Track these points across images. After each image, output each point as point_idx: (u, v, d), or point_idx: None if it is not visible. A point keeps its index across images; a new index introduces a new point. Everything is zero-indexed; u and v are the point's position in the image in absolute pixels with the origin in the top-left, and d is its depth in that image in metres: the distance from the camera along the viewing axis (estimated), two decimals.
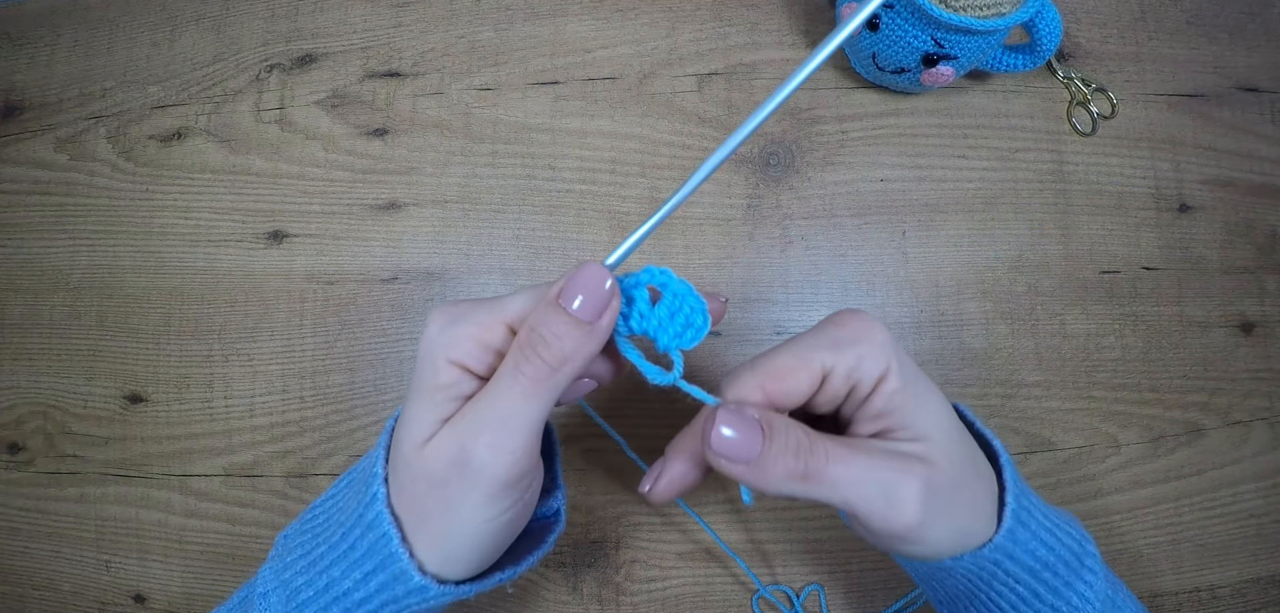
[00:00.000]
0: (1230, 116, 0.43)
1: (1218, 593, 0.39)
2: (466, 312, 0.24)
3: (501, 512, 0.24)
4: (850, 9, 0.38)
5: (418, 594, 0.24)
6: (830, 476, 0.23)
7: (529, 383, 0.23)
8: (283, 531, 0.28)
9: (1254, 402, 0.40)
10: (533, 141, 0.42)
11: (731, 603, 0.39)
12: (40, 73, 0.46)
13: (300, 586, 0.25)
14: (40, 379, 0.43)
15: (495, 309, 0.24)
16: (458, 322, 0.24)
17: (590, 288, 0.23)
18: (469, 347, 0.23)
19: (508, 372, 0.23)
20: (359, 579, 0.24)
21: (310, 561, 0.25)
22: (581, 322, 0.23)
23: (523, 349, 0.23)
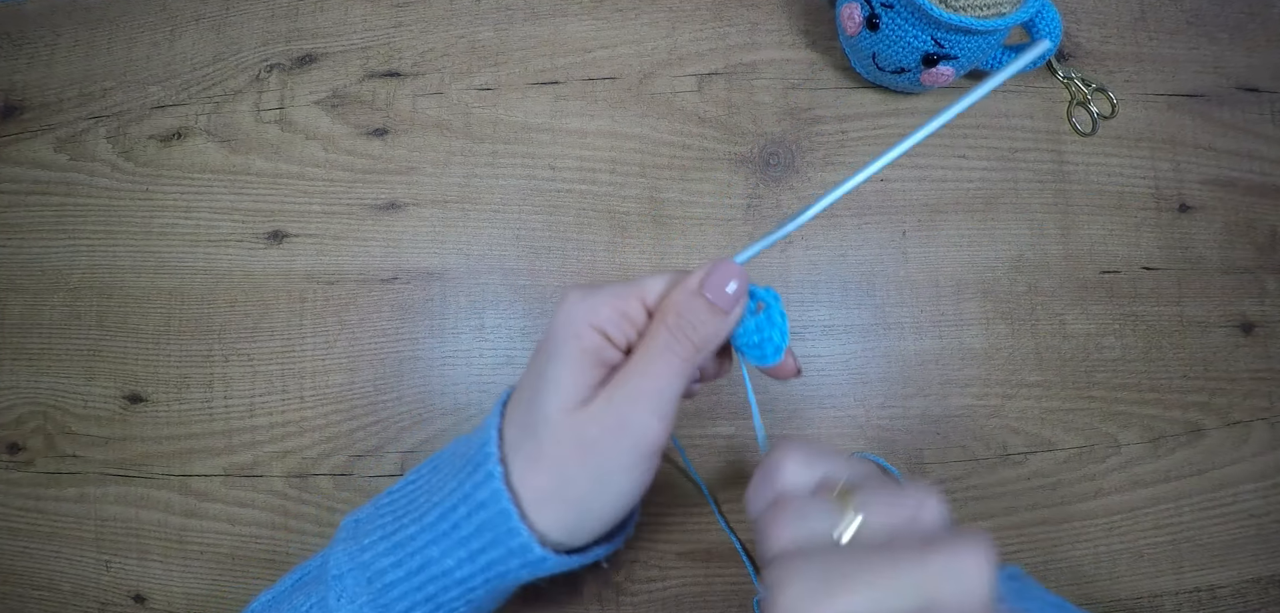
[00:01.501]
0: (1230, 116, 0.43)
1: (1218, 593, 0.39)
2: (604, 287, 0.25)
3: (643, 476, 0.25)
4: (850, 9, 0.38)
5: (532, 566, 0.25)
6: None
7: (679, 359, 0.24)
8: (351, 515, 0.28)
9: (1254, 402, 0.40)
10: (533, 141, 0.42)
11: (731, 603, 0.39)
12: (40, 73, 0.46)
13: (386, 567, 0.25)
14: (40, 379, 0.43)
15: (632, 288, 0.26)
16: (597, 294, 0.25)
17: (729, 282, 0.25)
18: (610, 315, 0.25)
19: (661, 346, 0.25)
20: (464, 557, 0.25)
21: (398, 542, 0.26)
22: (720, 310, 0.25)
23: (672, 330, 0.25)
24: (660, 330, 0.25)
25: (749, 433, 0.40)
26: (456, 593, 0.25)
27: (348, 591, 0.26)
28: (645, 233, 0.41)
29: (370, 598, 0.26)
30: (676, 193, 0.41)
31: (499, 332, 0.41)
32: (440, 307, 0.41)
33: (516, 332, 0.41)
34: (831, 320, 0.40)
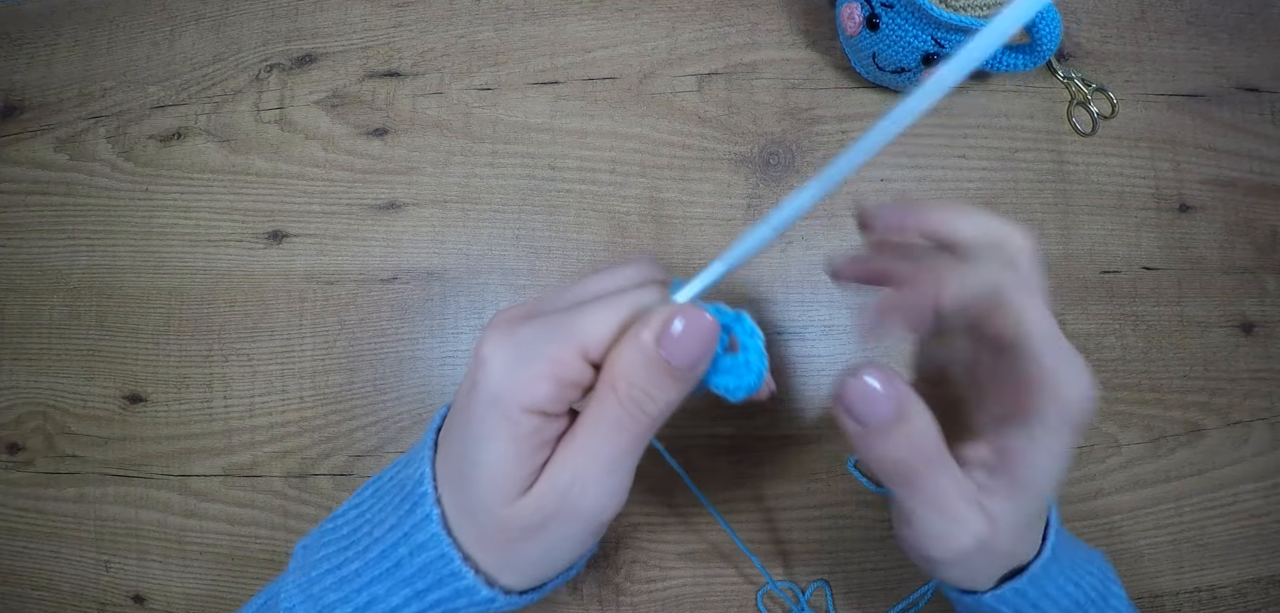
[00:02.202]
0: (1230, 116, 0.43)
1: (1218, 593, 0.39)
2: (533, 346, 0.21)
3: (596, 542, 0.24)
4: (850, 9, 0.38)
5: (483, 606, 0.23)
6: (919, 486, 0.21)
7: (630, 436, 0.21)
8: (302, 541, 0.27)
9: (1254, 402, 0.40)
10: (533, 141, 0.42)
11: (732, 603, 0.39)
12: (40, 73, 0.46)
13: (335, 602, 0.24)
14: (40, 379, 0.43)
15: (566, 337, 0.21)
16: (526, 360, 0.21)
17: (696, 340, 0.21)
18: (546, 389, 0.21)
19: (611, 422, 0.21)
20: (410, 595, 0.23)
21: (343, 577, 0.24)
22: (681, 373, 0.21)
23: (624, 402, 0.21)
24: (609, 400, 0.21)
25: (752, 432, 0.40)
26: None
27: None
28: (645, 233, 0.41)
29: None
30: (676, 193, 0.41)
31: None
32: (440, 307, 0.41)
33: None
34: (831, 320, 0.40)
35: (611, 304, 0.21)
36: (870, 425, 0.21)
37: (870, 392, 0.20)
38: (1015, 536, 0.23)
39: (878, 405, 0.20)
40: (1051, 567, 0.25)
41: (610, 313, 0.21)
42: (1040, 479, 0.22)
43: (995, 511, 0.22)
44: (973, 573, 0.24)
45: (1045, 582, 0.25)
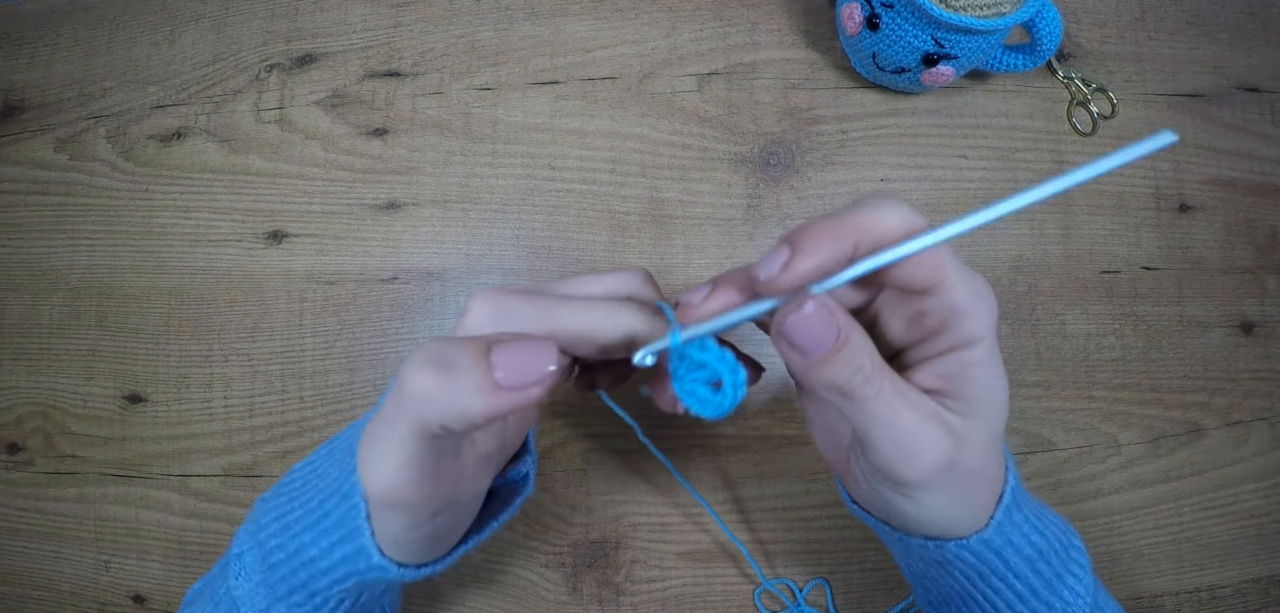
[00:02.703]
0: (1230, 116, 0.43)
1: (1218, 593, 0.39)
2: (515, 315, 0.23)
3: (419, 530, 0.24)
4: (850, 9, 0.38)
5: (378, 571, 0.24)
6: (871, 408, 0.22)
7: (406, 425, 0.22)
8: (261, 495, 0.28)
9: (1254, 402, 0.40)
10: (533, 141, 0.42)
11: (732, 603, 0.39)
12: (40, 73, 0.46)
13: (274, 548, 0.25)
14: (40, 379, 0.43)
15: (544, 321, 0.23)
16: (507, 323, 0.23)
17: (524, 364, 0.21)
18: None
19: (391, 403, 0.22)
20: (325, 548, 0.24)
21: (284, 524, 0.25)
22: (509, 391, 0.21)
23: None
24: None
25: (752, 432, 0.40)
26: (325, 582, 0.25)
27: (247, 567, 0.26)
28: (645, 233, 0.41)
29: (262, 576, 0.25)
30: (676, 193, 0.41)
31: None
32: (440, 307, 0.41)
33: None
34: None
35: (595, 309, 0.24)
36: (812, 354, 0.21)
37: (810, 321, 0.21)
38: (983, 453, 0.23)
39: (818, 333, 0.21)
40: (1014, 513, 0.25)
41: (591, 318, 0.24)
42: (991, 393, 0.23)
43: (957, 425, 0.23)
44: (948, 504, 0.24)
45: (1009, 528, 0.25)
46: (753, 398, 0.40)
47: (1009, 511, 0.25)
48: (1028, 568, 0.25)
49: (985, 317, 0.23)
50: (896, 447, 0.22)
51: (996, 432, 0.24)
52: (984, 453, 0.24)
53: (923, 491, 0.23)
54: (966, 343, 0.23)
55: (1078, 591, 0.25)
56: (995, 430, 0.24)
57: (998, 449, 0.25)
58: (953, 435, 0.23)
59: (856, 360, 0.22)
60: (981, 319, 0.23)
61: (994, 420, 0.24)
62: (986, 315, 0.23)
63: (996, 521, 0.25)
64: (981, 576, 0.25)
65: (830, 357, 0.21)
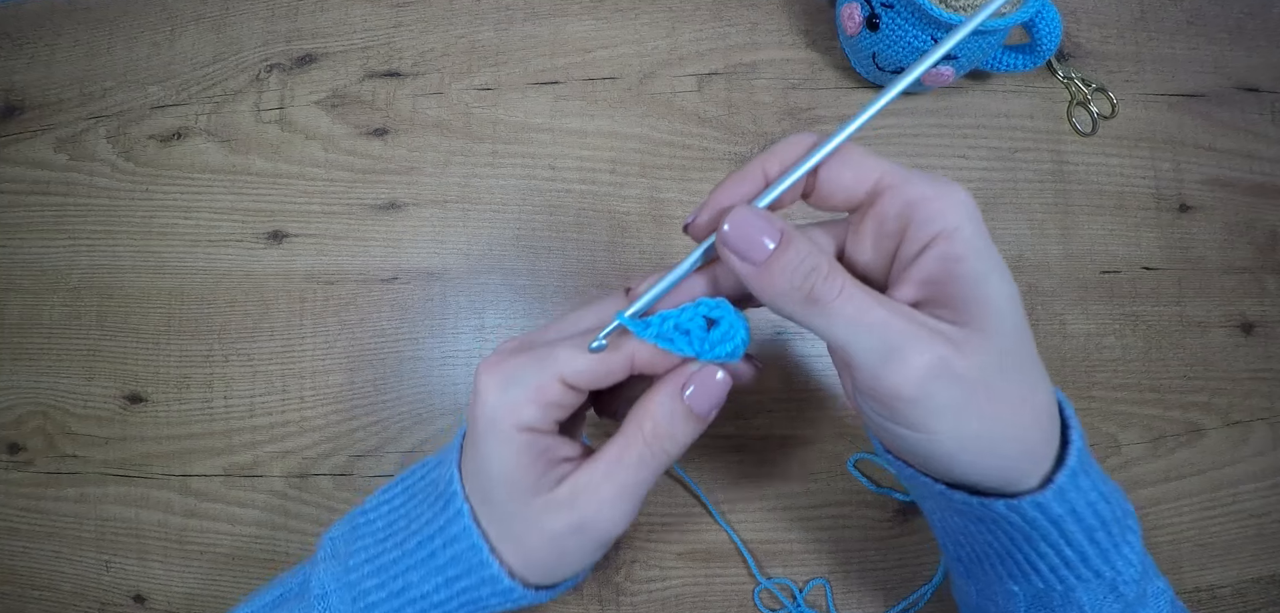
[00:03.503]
0: (1230, 117, 0.43)
1: (1218, 593, 0.39)
2: (519, 375, 0.24)
3: (602, 553, 0.26)
4: (850, 9, 0.38)
5: (504, 596, 0.26)
6: (835, 308, 0.21)
7: (651, 469, 0.24)
8: (329, 532, 0.29)
9: (1254, 402, 0.40)
10: (533, 141, 0.42)
11: (731, 603, 0.39)
12: (40, 73, 0.46)
13: (371, 588, 0.26)
14: (40, 379, 0.43)
15: (547, 368, 0.24)
16: (513, 385, 0.24)
17: (714, 393, 0.24)
18: (533, 414, 0.24)
19: (635, 457, 0.24)
20: (440, 583, 0.26)
21: (382, 565, 0.26)
22: (699, 418, 0.24)
23: (650, 442, 0.24)
24: (635, 438, 0.24)
25: (752, 432, 0.40)
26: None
27: (333, 608, 0.26)
28: (645, 233, 0.41)
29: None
30: (676, 193, 0.41)
31: (499, 332, 0.41)
32: (440, 307, 0.41)
33: (516, 331, 0.41)
34: None
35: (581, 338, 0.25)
36: (756, 258, 0.21)
37: (747, 223, 0.22)
38: (991, 363, 0.20)
39: (756, 231, 0.21)
40: (1080, 478, 0.22)
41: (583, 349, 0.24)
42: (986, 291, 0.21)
43: (946, 330, 0.21)
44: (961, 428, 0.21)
45: (1073, 494, 0.22)
46: (752, 399, 0.40)
47: (1074, 475, 0.22)
48: (1085, 537, 0.23)
49: (954, 204, 0.21)
50: (877, 353, 0.20)
51: (1009, 336, 0.21)
52: (993, 362, 0.20)
53: (920, 408, 0.20)
54: (939, 235, 0.21)
55: (1130, 559, 0.23)
56: (1006, 333, 0.21)
57: (1021, 362, 0.21)
58: (941, 336, 0.20)
59: (808, 259, 0.21)
60: (949, 205, 0.21)
61: (1001, 321, 0.21)
62: (956, 204, 0.21)
63: (1059, 485, 0.22)
64: (1029, 538, 0.23)
65: (778, 256, 0.21)
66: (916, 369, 0.20)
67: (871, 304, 0.21)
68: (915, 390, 0.20)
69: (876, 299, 0.21)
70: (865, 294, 0.21)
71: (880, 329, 0.20)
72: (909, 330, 0.20)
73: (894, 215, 0.22)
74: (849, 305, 0.21)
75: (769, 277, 0.21)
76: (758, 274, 0.22)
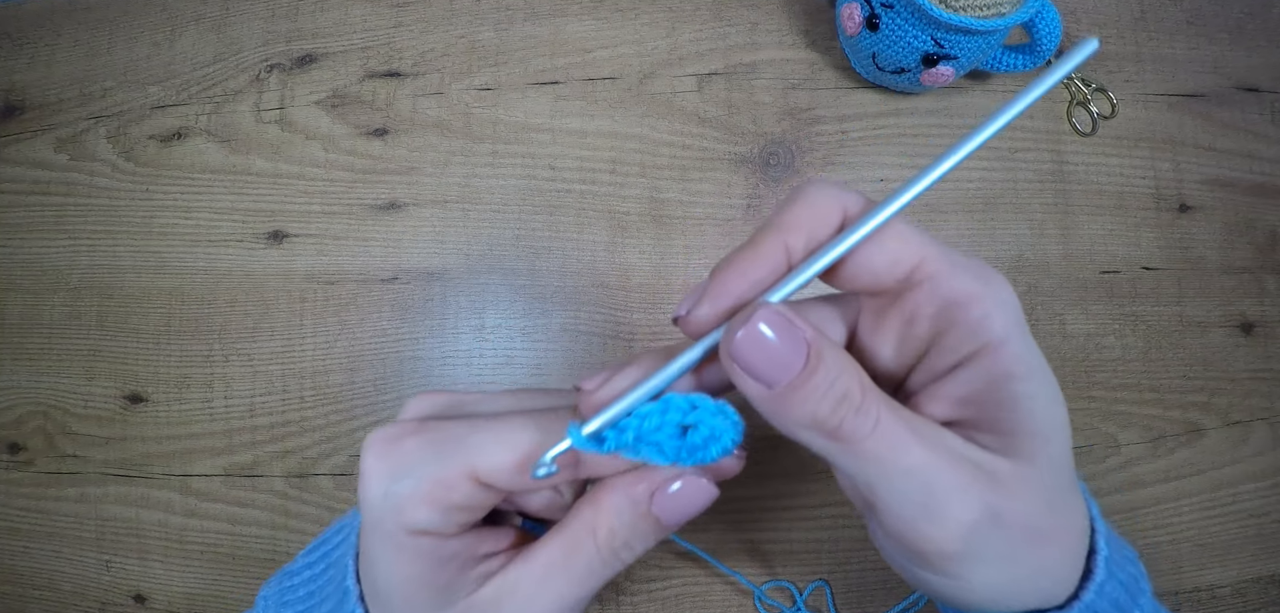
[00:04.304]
0: (1230, 117, 0.43)
1: (1217, 593, 0.39)
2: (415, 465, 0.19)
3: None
4: (850, 9, 0.38)
5: None
6: (868, 448, 0.17)
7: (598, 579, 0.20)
8: (262, 589, 0.25)
9: (1254, 402, 0.40)
10: (533, 141, 0.42)
11: (732, 603, 0.39)
12: (40, 73, 0.46)
13: None
14: (40, 379, 0.43)
15: (456, 457, 0.19)
16: (407, 474, 0.19)
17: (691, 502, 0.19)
18: (426, 513, 0.19)
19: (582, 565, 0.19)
20: None
21: None
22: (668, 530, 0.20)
23: (602, 551, 0.19)
24: (585, 543, 0.19)
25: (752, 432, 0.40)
26: None
27: None
28: (645, 233, 0.41)
29: None
30: (676, 193, 0.41)
31: (499, 332, 0.41)
32: (440, 307, 0.41)
33: (516, 331, 0.41)
34: None
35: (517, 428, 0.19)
36: (776, 381, 0.17)
37: (768, 343, 0.16)
38: (1041, 501, 0.17)
39: (778, 352, 0.16)
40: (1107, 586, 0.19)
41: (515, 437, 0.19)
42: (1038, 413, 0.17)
43: (995, 466, 0.17)
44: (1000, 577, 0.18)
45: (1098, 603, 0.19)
46: None
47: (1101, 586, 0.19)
48: None
49: (1000, 306, 0.18)
50: (913, 502, 0.17)
51: (1061, 468, 0.18)
52: (1043, 501, 0.17)
53: (959, 562, 0.17)
54: (984, 347, 0.17)
55: None
56: (1058, 466, 0.18)
57: (1069, 493, 0.18)
58: (987, 477, 0.17)
59: (839, 384, 0.17)
60: (995, 309, 0.17)
61: (1053, 452, 0.18)
62: (1002, 305, 0.18)
63: (1086, 602, 0.19)
64: None
65: (801, 382, 0.16)
66: (961, 525, 0.17)
67: (910, 442, 0.17)
68: (956, 548, 0.17)
69: (914, 434, 0.17)
70: (903, 428, 0.17)
71: (919, 474, 0.17)
72: (953, 478, 0.17)
73: (930, 314, 0.18)
74: (883, 443, 0.17)
75: (787, 406, 0.17)
76: (773, 400, 0.17)
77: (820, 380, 0.17)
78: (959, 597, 0.19)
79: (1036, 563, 0.18)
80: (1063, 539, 0.18)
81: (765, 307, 0.17)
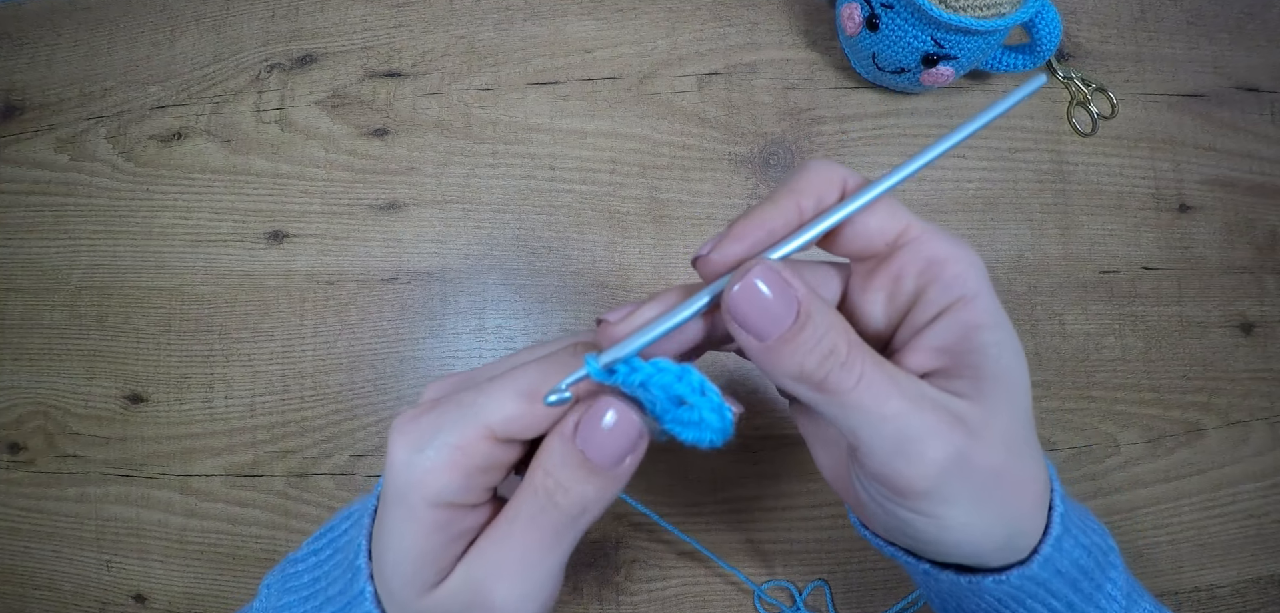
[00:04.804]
0: (1230, 116, 0.43)
1: (1217, 593, 0.39)
2: (435, 429, 0.19)
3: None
4: (850, 9, 0.38)
5: None
6: (853, 399, 0.18)
7: (550, 533, 0.20)
8: (267, 577, 0.26)
9: (1254, 402, 0.40)
10: (533, 141, 0.42)
11: (732, 603, 0.39)
12: (40, 73, 0.46)
13: None
14: (40, 379, 0.43)
15: (470, 419, 0.19)
16: (428, 445, 0.19)
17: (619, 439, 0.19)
18: (450, 479, 0.19)
19: (525, 517, 0.20)
20: None
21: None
22: (602, 471, 0.19)
23: (538, 495, 0.20)
24: (526, 491, 0.20)
25: (752, 432, 0.40)
26: None
27: None
28: (645, 233, 0.41)
29: None
30: (676, 193, 0.41)
31: (499, 332, 0.41)
32: (440, 307, 0.41)
33: (516, 331, 0.41)
34: None
35: (521, 375, 0.20)
36: (768, 334, 0.18)
37: (762, 298, 0.18)
38: (1005, 445, 0.19)
39: (771, 307, 0.18)
40: (1063, 540, 0.22)
41: (521, 383, 0.19)
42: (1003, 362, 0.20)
43: (965, 411, 0.19)
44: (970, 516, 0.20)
45: (1057, 556, 0.21)
46: (753, 396, 0.40)
47: (1058, 541, 0.21)
48: (1069, 588, 0.22)
49: (973, 266, 0.20)
50: (892, 444, 0.19)
51: (1020, 416, 0.20)
52: (1006, 445, 0.19)
53: (934, 500, 0.19)
54: (959, 300, 0.20)
55: (1113, 595, 0.23)
56: (1018, 413, 0.20)
57: (1027, 442, 0.21)
58: (961, 423, 0.19)
59: (826, 340, 0.18)
60: (968, 269, 0.20)
61: (1014, 399, 0.20)
62: (974, 266, 0.20)
63: (1044, 555, 0.21)
64: (1018, 600, 0.22)
65: (791, 336, 0.18)
66: (933, 462, 0.19)
67: (890, 392, 0.19)
68: (930, 485, 0.19)
69: (894, 384, 0.19)
70: (884, 379, 0.19)
71: (896, 420, 0.19)
72: (927, 423, 0.19)
73: (914, 273, 0.20)
74: (867, 394, 0.18)
75: (777, 358, 0.18)
76: (765, 352, 0.19)
77: (808, 336, 0.18)
78: (939, 538, 0.20)
79: (1001, 506, 0.20)
80: (1024, 486, 0.20)
81: (762, 263, 0.18)
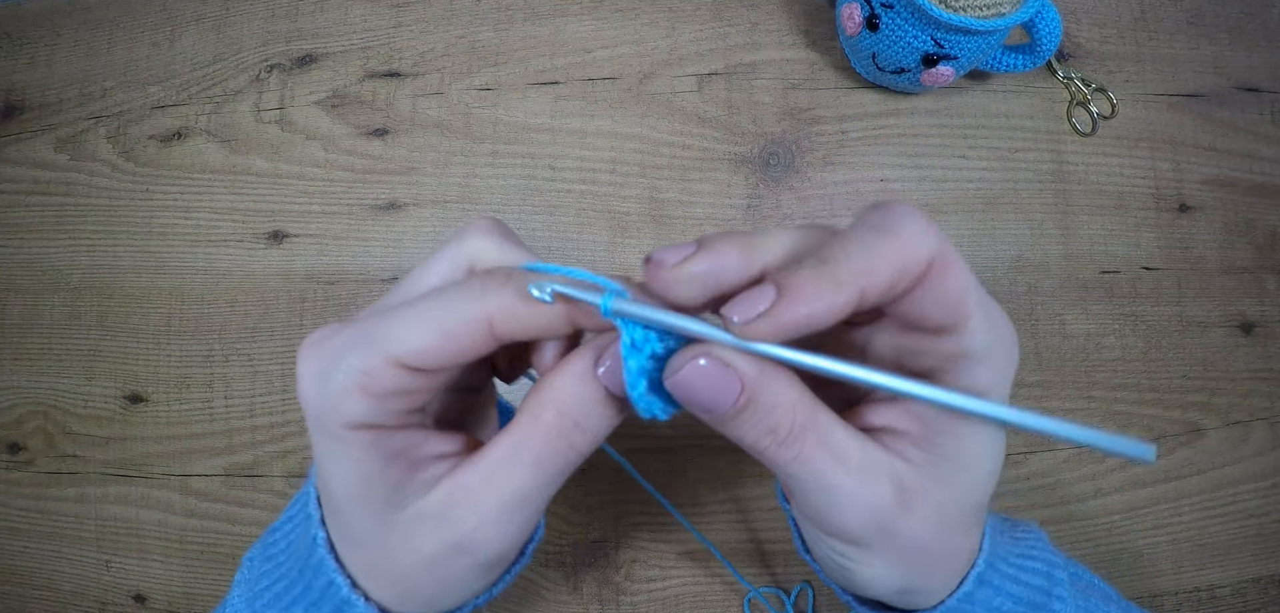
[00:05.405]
0: (1230, 116, 0.43)
1: (1217, 593, 0.39)
2: (339, 353, 0.18)
3: (499, 575, 0.22)
4: (850, 9, 0.38)
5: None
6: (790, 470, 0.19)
7: (550, 470, 0.19)
8: (248, 553, 0.26)
9: (1254, 402, 0.40)
10: (533, 141, 0.42)
11: (731, 604, 0.39)
12: (40, 73, 0.46)
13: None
14: (40, 379, 0.43)
15: (375, 347, 0.18)
16: (335, 369, 0.18)
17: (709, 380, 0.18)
18: (357, 404, 0.18)
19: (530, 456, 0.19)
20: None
21: (276, 594, 0.23)
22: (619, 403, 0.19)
23: (552, 435, 0.19)
24: (532, 430, 0.19)
25: None
26: None
27: None
28: (645, 233, 0.41)
29: None
30: (676, 193, 0.41)
31: None
32: None
33: None
34: None
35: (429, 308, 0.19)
36: (710, 411, 0.18)
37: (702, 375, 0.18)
38: (940, 524, 0.19)
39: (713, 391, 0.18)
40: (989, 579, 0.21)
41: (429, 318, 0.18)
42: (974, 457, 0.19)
43: (906, 477, 0.19)
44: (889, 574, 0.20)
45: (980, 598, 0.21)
46: None
47: (981, 579, 0.21)
48: None
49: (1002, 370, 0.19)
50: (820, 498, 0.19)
51: (968, 497, 0.20)
52: (939, 520, 0.19)
53: (856, 548, 0.20)
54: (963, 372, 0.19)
55: None
56: (966, 494, 0.20)
57: (964, 519, 0.20)
58: (899, 491, 0.19)
59: (765, 421, 0.18)
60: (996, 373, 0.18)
61: (967, 482, 0.19)
62: (1004, 368, 0.19)
63: (965, 591, 0.21)
64: None
65: (733, 415, 0.18)
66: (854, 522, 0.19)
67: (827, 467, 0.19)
68: (853, 536, 0.19)
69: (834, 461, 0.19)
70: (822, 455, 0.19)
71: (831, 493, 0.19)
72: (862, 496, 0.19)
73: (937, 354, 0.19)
74: (804, 470, 0.19)
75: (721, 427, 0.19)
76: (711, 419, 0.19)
77: (747, 419, 0.18)
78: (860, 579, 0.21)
79: (913, 571, 0.20)
80: (945, 559, 0.21)
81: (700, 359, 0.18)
